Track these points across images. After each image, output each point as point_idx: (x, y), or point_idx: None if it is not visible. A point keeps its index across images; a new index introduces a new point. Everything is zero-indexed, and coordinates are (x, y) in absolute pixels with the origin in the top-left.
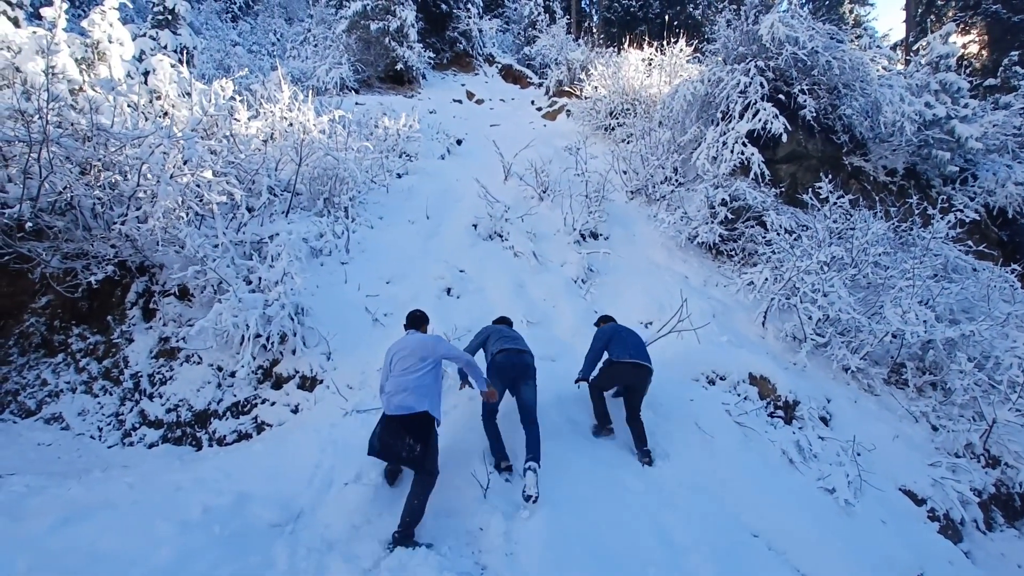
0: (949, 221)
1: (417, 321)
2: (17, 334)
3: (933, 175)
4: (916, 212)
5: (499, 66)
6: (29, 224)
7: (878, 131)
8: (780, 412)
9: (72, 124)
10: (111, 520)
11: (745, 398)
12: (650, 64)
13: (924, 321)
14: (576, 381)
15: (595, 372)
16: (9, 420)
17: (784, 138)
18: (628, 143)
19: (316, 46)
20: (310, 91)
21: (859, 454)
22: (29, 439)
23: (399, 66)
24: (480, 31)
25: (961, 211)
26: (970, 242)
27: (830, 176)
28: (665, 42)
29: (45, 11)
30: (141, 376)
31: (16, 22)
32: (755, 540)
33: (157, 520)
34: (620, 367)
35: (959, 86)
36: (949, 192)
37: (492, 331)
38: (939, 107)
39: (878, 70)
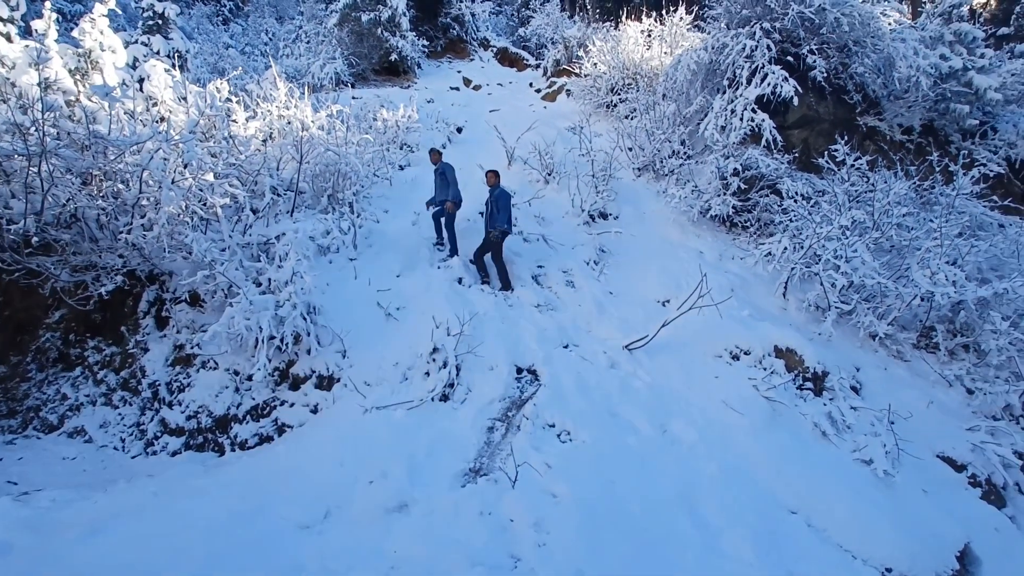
0: (973, 176)
1: None
2: (34, 350)
3: (952, 130)
4: (937, 169)
5: (494, 50)
6: (35, 239)
7: (892, 88)
8: (809, 384)
9: (69, 134)
10: (137, 529)
11: (772, 372)
12: (649, 36)
13: (953, 281)
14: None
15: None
16: (33, 436)
17: (795, 102)
18: (632, 119)
19: (309, 43)
20: (306, 88)
21: (893, 422)
22: (54, 453)
23: (393, 57)
24: (473, 15)
25: (984, 165)
26: (994, 197)
27: (845, 138)
28: (664, 12)
29: (36, 23)
30: (159, 385)
31: (8, 37)
32: (793, 517)
33: (183, 527)
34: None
35: (974, 36)
36: (969, 147)
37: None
38: (955, 59)
39: (889, 24)
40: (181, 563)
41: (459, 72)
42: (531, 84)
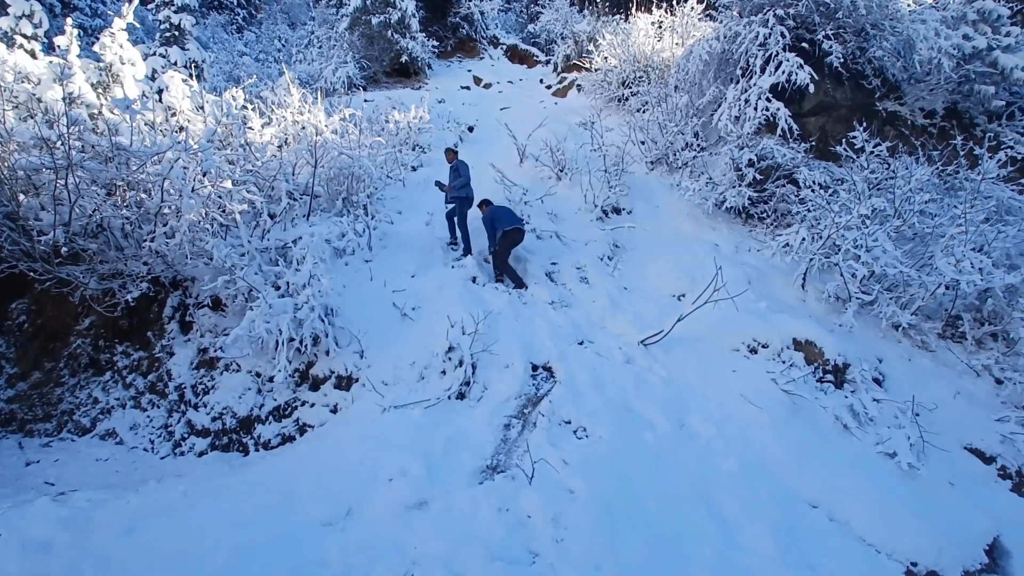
0: (999, 159)
1: None
2: (66, 356)
3: (976, 112)
4: (961, 154)
5: (504, 47)
6: (65, 249)
7: (912, 71)
8: (830, 377)
9: (93, 146)
10: (170, 525)
11: (791, 365)
12: (660, 27)
13: (980, 269)
14: (490, 251)
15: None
16: (68, 438)
17: (811, 89)
18: (644, 112)
19: (321, 47)
20: (319, 92)
21: (918, 414)
22: (87, 455)
23: (404, 58)
24: (482, 13)
25: (1011, 148)
26: (1023, 180)
27: (863, 124)
28: (674, 2)
29: (58, 39)
30: (185, 387)
31: (33, 54)
32: (814, 511)
33: (213, 523)
34: (511, 232)
35: (999, 13)
36: (995, 129)
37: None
38: (979, 38)
39: (908, 5)
40: (213, 555)
41: (469, 71)
42: (541, 80)
